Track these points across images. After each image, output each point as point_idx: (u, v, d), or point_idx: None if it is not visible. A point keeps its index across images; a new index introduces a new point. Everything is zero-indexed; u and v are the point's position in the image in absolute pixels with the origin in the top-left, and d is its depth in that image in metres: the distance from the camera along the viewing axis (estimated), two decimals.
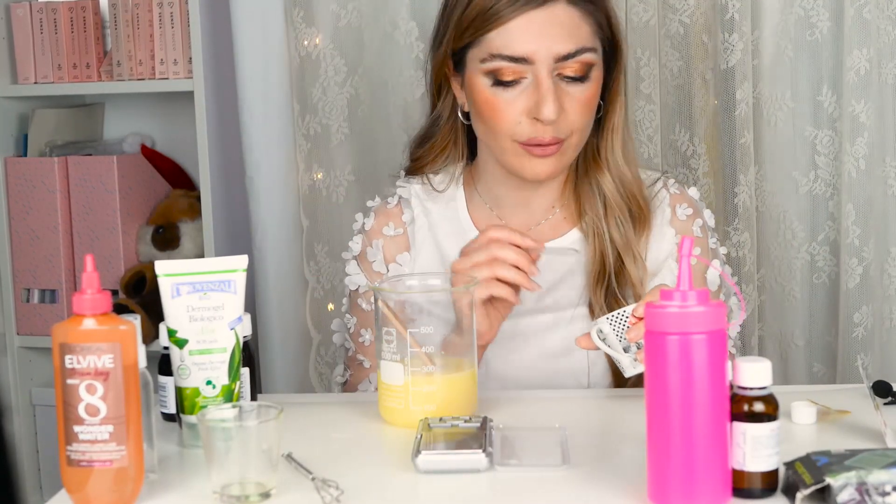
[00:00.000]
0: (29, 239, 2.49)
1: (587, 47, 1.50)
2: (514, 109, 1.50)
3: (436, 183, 1.66)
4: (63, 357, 1.11)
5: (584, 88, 1.51)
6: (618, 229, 1.58)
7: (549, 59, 1.49)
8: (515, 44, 1.49)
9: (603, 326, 1.41)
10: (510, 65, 1.49)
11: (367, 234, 1.67)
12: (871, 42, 2.09)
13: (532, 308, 1.58)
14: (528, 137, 1.51)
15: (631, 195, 1.59)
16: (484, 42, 1.51)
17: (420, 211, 1.66)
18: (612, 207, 1.58)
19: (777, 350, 2.23)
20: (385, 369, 1.37)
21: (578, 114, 1.51)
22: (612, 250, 1.57)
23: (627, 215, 1.58)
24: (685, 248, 1.11)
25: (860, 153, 2.10)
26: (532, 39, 1.48)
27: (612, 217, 1.58)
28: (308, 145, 2.30)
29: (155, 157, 2.58)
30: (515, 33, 1.49)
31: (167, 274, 1.31)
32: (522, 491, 1.16)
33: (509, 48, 1.49)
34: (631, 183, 1.59)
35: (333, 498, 1.13)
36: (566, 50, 1.49)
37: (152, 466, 1.21)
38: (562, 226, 1.63)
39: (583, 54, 1.50)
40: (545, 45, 1.48)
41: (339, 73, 2.27)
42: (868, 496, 1.04)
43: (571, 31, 1.49)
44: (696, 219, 1.62)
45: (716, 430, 1.08)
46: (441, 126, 1.63)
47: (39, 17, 2.47)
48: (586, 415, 1.44)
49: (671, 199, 1.62)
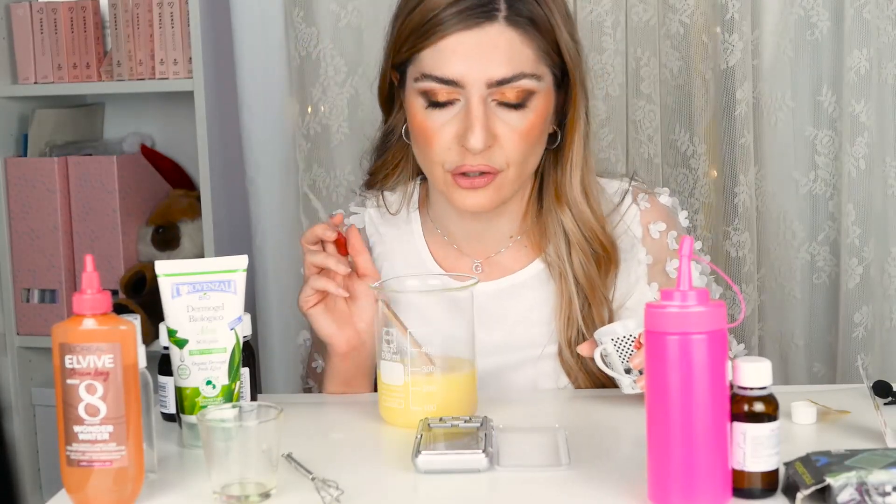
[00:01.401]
0: (29, 239, 2.49)
1: (526, 73, 1.40)
2: (444, 134, 1.42)
3: (389, 203, 1.59)
4: (63, 357, 1.11)
5: (522, 117, 1.41)
6: (581, 269, 1.50)
7: (481, 83, 1.39)
8: (446, 65, 1.40)
9: (608, 347, 1.40)
10: (441, 86, 1.40)
11: None
12: (871, 42, 2.09)
13: (497, 346, 1.53)
14: (456, 166, 1.42)
15: (592, 235, 1.50)
16: (418, 60, 1.43)
17: (376, 239, 1.60)
18: (574, 247, 1.50)
19: (777, 350, 2.22)
20: (385, 369, 1.37)
21: (514, 144, 1.42)
22: (578, 293, 1.50)
23: (590, 255, 1.50)
24: (685, 248, 1.11)
25: (860, 153, 2.10)
26: (462, 61, 1.39)
27: (576, 255, 1.50)
28: (308, 145, 2.30)
29: (155, 157, 2.58)
30: (446, 53, 1.40)
31: (167, 274, 1.31)
32: (522, 491, 1.16)
33: (439, 69, 1.40)
34: (591, 222, 1.49)
35: (333, 498, 1.13)
36: (500, 75, 1.39)
37: (152, 466, 1.21)
38: (524, 256, 1.55)
39: (520, 80, 1.40)
40: (477, 69, 1.39)
41: (339, 73, 2.27)
42: (868, 496, 1.04)
43: (509, 54, 1.40)
44: (670, 232, 1.55)
45: (716, 430, 1.08)
46: (393, 142, 1.55)
47: (39, 17, 2.47)
48: (586, 415, 1.44)
49: (642, 215, 1.55)
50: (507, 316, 1.54)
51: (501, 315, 1.54)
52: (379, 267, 1.56)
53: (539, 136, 1.46)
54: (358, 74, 2.28)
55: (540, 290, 1.54)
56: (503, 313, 1.54)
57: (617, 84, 2.18)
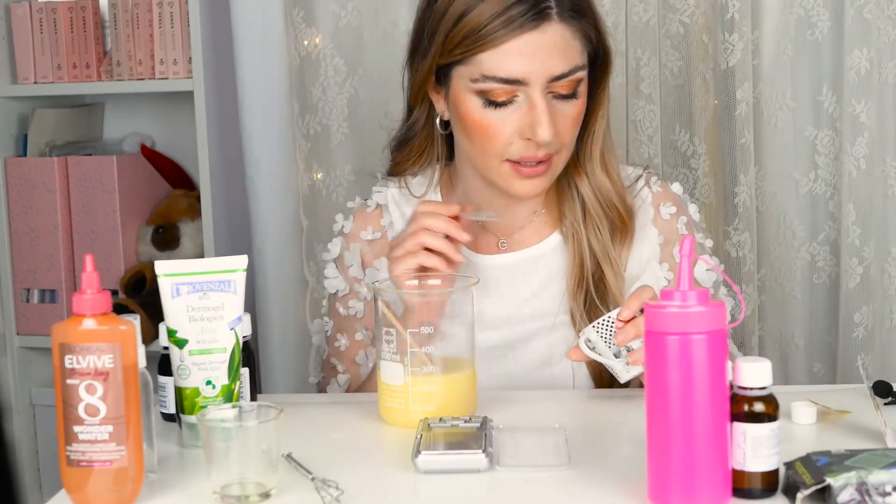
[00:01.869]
0: (29, 239, 2.49)
1: (579, 65, 1.48)
2: (506, 130, 1.48)
3: (413, 186, 1.64)
4: (63, 357, 1.11)
5: (574, 104, 1.49)
6: (596, 237, 1.55)
7: (544, 80, 1.45)
8: (509, 66, 1.45)
9: (590, 335, 1.40)
10: (503, 86, 1.46)
11: (346, 237, 1.66)
12: (871, 42, 2.09)
13: (512, 317, 1.57)
14: (520, 156, 1.49)
15: (610, 204, 1.56)
16: (474, 62, 1.47)
17: (398, 215, 1.64)
18: (590, 214, 1.56)
19: (777, 350, 2.22)
20: (385, 369, 1.37)
21: (568, 130, 1.50)
22: (590, 257, 1.55)
23: (606, 224, 1.56)
24: (685, 247, 1.11)
25: (860, 153, 2.10)
26: (527, 62, 1.45)
27: (591, 224, 1.56)
28: (308, 145, 2.30)
29: (155, 157, 2.58)
30: (509, 56, 1.45)
31: (167, 274, 1.31)
32: (522, 491, 1.16)
33: (503, 70, 1.45)
34: (609, 191, 1.56)
35: (333, 498, 1.13)
36: (560, 70, 1.46)
37: (152, 466, 1.21)
38: (543, 230, 1.61)
39: (575, 73, 1.47)
40: (540, 67, 1.45)
41: (339, 73, 2.27)
42: (868, 496, 1.04)
43: (565, 50, 1.46)
44: (680, 216, 1.60)
45: (716, 430, 1.08)
46: (418, 131, 1.61)
47: (39, 17, 2.47)
48: (586, 415, 1.44)
49: (654, 197, 1.60)
50: (523, 288, 1.57)
51: (518, 287, 1.58)
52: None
53: (582, 120, 1.53)
54: (358, 74, 2.28)
55: (556, 262, 1.59)
56: (520, 286, 1.58)
57: (617, 84, 2.17)
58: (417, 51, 1.55)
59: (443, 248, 1.46)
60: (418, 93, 1.57)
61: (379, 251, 1.63)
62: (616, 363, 1.39)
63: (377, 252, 1.63)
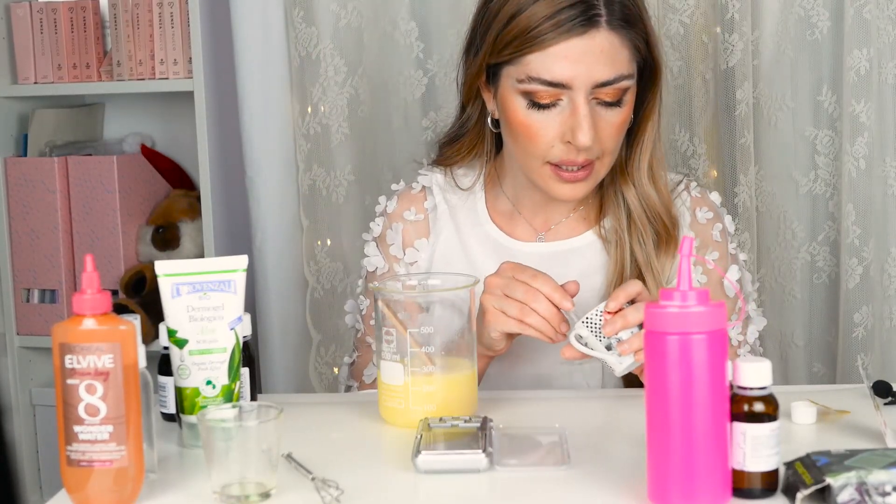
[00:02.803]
0: (29, 239, 2.49)
1: (625, 74, 1.49)
2: (548, 132, 1.50)
3: (459, 177, 1.67)
4: (63, 357, 1.11)
5: (618, 112, 1.50)
6: (640, 245, 1.57)
7: (588, 85, 1.47)
8: (555, 69, 1.47)
9: (581, 331, 1.40)
10: (547, 89, 1.48)
11: (389, 216, 1.68)
12: (871, 42, 2.08)
13: None
14: (560, 159, 1.50)
15: (655, 214, 1.58)
16: (522, 63, 1.49)
17: (441, 199, 1.67)
18: (634, 222, 1.58)
19: (777, 350, 2.22)
20: (385, 369, 1.37)
21: (611, 137, 1.51)
22: (632, 265, 1.57)
23: (650, 233, 1.57)
24: (685, 248, 1.11)
25: (860, 153, 2.10)
26: (572, 66, 1.46)
27: (636, 232, 1.57)
28: (308, 145, 2.30)
29: (155, 157, 2.58)
30: (556, 59, 1.47)
31: (167, 274, 1.31)
32: (522, 491, 1.16)
33: (549, 73, 1.47)
34: (656, 203, 1.58)
35: (333, 498, 1.13)
36: (605, 77, 1.47)
37: (152, 466, 1.21)
38: (579, 226, 1.63)
39: (621, 81, 1.49)
40: (585, 72, 1.47)
41: (339, 73, 2.27)
42: (868, 496, 1.04)
43: (612, 57, 1.48)
44: (715, 223, 1.62)
45: (716, 430, 1.08)
46: (469, 128, 1.64)
47: (39, 17, 2.47)
48: (586, 415, 1.44)
49: (692, 202, 1.62)
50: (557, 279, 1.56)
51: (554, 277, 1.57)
52: (443, 226, 1.66)
53: (627, 127, 1.54)
54: (358, 74, 2.28)
55: (588, 260, 1.61)
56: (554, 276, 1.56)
57: None
58: (471, 48, 1.58)
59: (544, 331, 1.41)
60: (470, 90, 1.60)
61: (420, 232, 1.66)
62: (608, 356, 1.39)
63: (418, 233, 1.66)
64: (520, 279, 1.42)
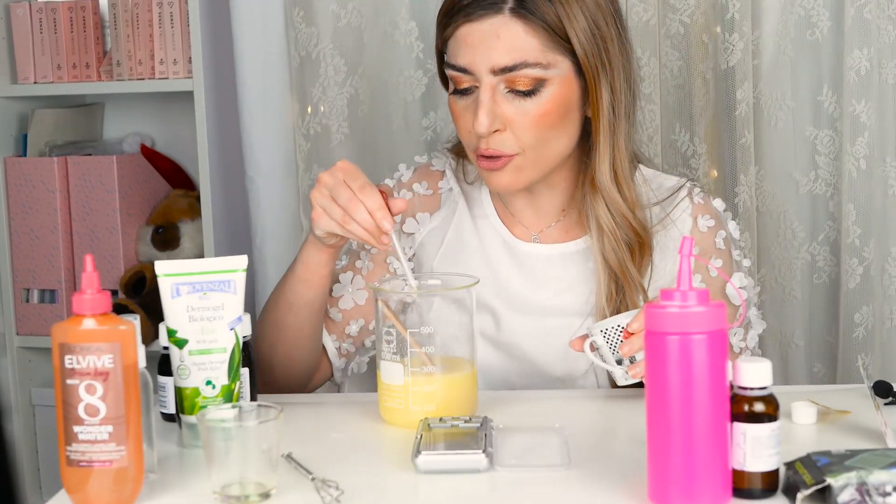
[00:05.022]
0: (29, 239, 2.49)
1: (529, 62, 1.45)
2: (466, 118, 1.50)
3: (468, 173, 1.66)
4: (63, 357, 1.11)
5: (535, 103, 1.46)
6: (613, 253, 1.53)
7: (486, 70, 1.46)
8: (459, 54, 1.48)
9: (597, 339, 1.40)
10: (458, 74, 1.48)
11: (400, 183, 1.68)
12: (872, 42, 2.08)
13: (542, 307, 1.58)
14: (475, 148, 1.50)
15: (623, 220, 1.53)
16: (446, 48, 1.52)
17: (454, 182, 1.67)
18: (605, 231, 1.54)
19: (777, 350, 2.23)
20: (385, 369, 1.37)
21: (527, 130, 1.47)
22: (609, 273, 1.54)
23: (623, 240, 1.53)
24: (685, 248, 1.11)
25: (860, 153, 2.10)
26: (469, 50, 1.47)
27: (608, 241, 1.53)
28: (308, 145, 2.30)
29: (155, 157, 2.58)
30: (460, 43, 1.48)
31: (167, 274, 1.31)
32: (522, 491, 1.16)
33: (454, 58, 1.49)
34: (622, 207, 1.53)
35: (333, 498, 1.13)
36: (503, 63, 1.45)
37: (152, 466, 1.21)
38: (573, 230, 1.61)
39: (523, 69, 1.45)
40: (481, 57, 1.46)
41: (339, 73, 2.27)
42: (868, 496, 1.04)
43: (511, 44, 1.45)
44: (718, 230, 1.59)
45: (716, 430, 1.08)
46: None
47: (39, 17, 2.47)
48: (586, 415, 1.44)
49: (694, 209, 1.59)
50: (552, 282, 1.58)
51: (549, 279, 1.59)
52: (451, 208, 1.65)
53: (557, 122, 1.49)
54: (358, 74, 2.28)
55: (581, 266, 1.59)
56: (550, 278, 1.59)
57: None
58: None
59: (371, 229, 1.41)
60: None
61: (425, 206, 1.66)
62: (616, 369, 1.40)
63: (423, 207, 1.66)
64: (347, 184, 1.42)
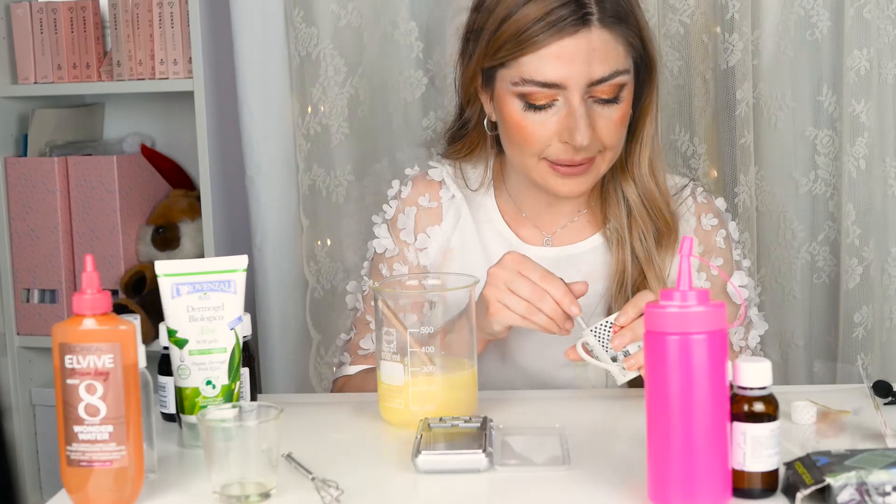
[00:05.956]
0: (29, 239, 2.49)
1: (620, 70, 1.48)
2: (544, 132, 1.49)
3: (467, 171, 1.66)
4: (63, 357, 1.11)
5: (616, 109, 1.50)
6: (640, 242, 1.56)
7: (583, 84, 1.47)
8: (549, 70, 1.46)
9: (588, 339, 1.41)
10: (542, 90, 1.48)
11: (402, 200, 1.68)
12: (871, 42, 2.08)
13: None
14: (558, 158, 1.50)
15: (657, 210, 1.57)
16: (515, 65, 1.49)
17: (456, 189, 1.67)
18: (635, 219, 1.57)
19: (777, 350, 2.22)
20: (385, 369, 1.37)
21: (611, 134, 1.50)
22: (633, 261, 1.56)
23: (651, 229, 1.57)
24: (685, 248, 1.11)
25: (860, 153, 2.10)
26: (565, 66, 1.46)
27: (636, 229, 1.56)
28: (308, 145, 2.30)
29: (155, 157, 2.58)
30: (549, 60, 1.46)
31: (167, 274, 1.31)
32: (522, 491, 1.16)
33: (542, 74, 1.47)
34: (657, 198, 1.57)
35: (333, 498, 1.13)
36: (600, 75, 1.47)
37: (152, 466, 1.21)
38: (585, 229, 1.62)
39: (616, 77, 1.48)
40: (578, 72, 1.46)
41: (339, 73, 2.27)
42: (868, 496, 1.04)
43: (605, 55, 1.47)
44: (719, 230, 1.61)
45: (716, 430, 1.08)
46: (470, 130, 1.63)
47: (39, 17, 2.47)
48: (586, 415, 1.44)
49: (697, 208, 1.62)
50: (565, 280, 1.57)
51: None
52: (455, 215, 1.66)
53: (627, 122, 1.54)
54: (358, 74, 2.28)
55: (596, 263, 1.60)
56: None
57: None
58: (465, 53, 1.58)
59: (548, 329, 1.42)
60: (466, 94, 1.60)
61: (433, 219, 1.66)
62: (612, 367, 1.40)
63: (431, 220, 1.66)
64: (526, 275, 1.42)
